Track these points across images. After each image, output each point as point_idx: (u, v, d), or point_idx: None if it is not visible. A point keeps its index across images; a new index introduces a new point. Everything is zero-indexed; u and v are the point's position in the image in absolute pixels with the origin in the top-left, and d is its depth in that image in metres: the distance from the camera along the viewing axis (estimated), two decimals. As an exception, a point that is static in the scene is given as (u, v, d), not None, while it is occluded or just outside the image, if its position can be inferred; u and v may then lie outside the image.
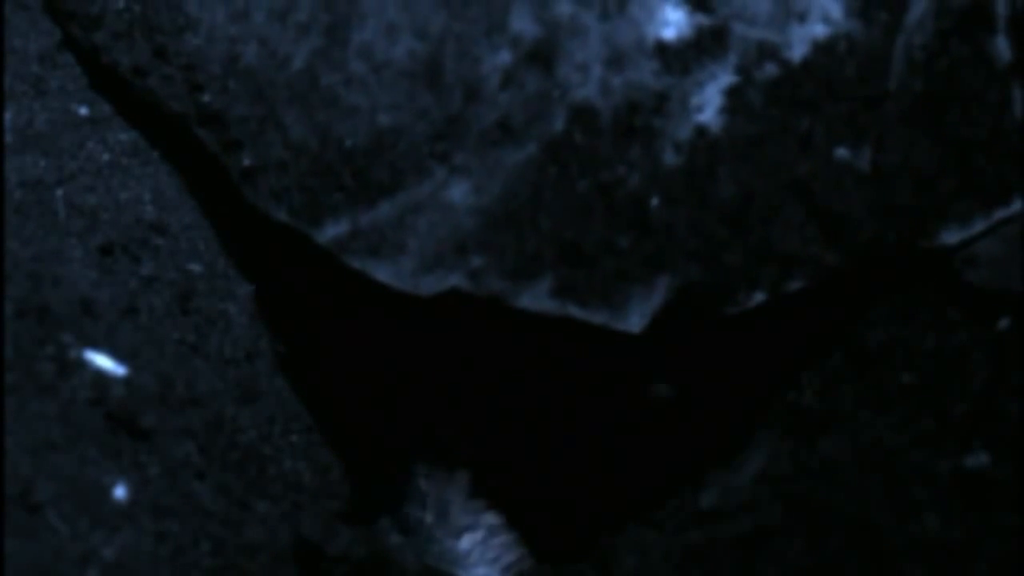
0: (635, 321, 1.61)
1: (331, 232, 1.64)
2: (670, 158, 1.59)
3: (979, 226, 1.62)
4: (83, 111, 1.76)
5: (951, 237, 1.62)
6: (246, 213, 1.70)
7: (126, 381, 1.53)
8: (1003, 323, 1.57)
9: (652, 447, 1.90)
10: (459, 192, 1.61)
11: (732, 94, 1.59)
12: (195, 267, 1.71)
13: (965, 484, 1.43)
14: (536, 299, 1.61)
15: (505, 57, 1.61)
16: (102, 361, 1.53)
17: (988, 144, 1.61)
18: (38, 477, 1.39)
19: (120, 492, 1.44)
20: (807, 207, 1.59)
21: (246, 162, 1.67)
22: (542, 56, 1.61)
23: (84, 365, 1.51)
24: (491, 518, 1.88)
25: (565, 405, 1.93)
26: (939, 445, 1.48)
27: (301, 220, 1.66)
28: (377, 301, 1.74)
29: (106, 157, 1.74)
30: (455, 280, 1.62)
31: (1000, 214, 1.62)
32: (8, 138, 1.69)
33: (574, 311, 1.61)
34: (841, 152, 1.59)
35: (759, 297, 1.61)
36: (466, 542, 1.87)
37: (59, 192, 1.67)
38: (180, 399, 1.57)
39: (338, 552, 1.55)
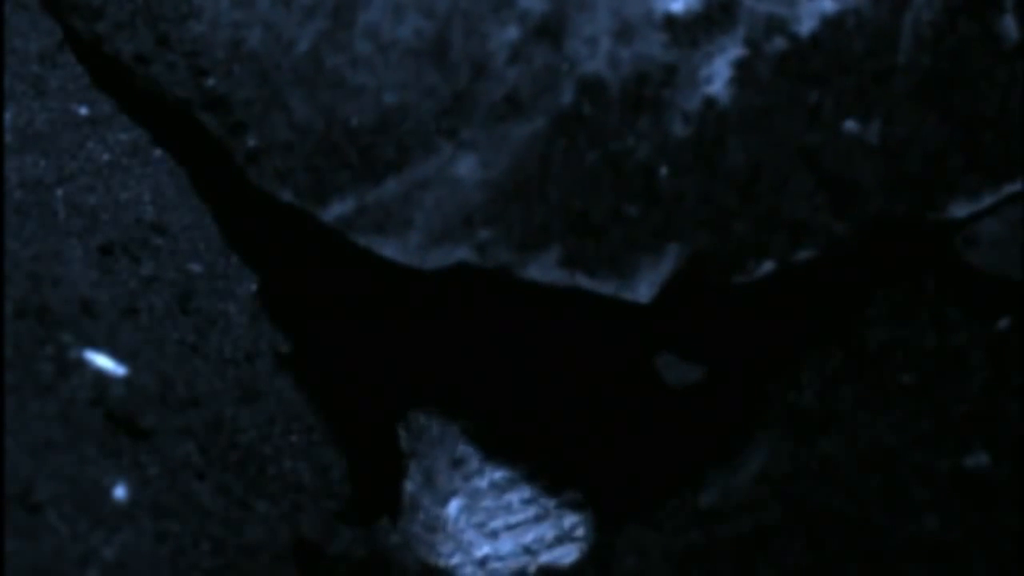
0: (644, 291, 1.61)
1: (336, 210, 1.65)
2: (679, 129, 1.60)
3: (988, 200, 1.62)
4: (83, 111, 1.76)
5: (960, 210, 1.62)
6: (249, 200, 1.71)
7: (126, 381, 1.53)
8: (1003, 323, 1.57)
9: (658, 429, 1.90)
10: (466, 167, 1.62)
11: (741, 66, 1.60)
12: (195, 267, 1.71)
13: (965, 484, 1.43)
14: (544, 270, 1.62)
15: (513, 33, 1.61)
16: (102, 361, 1.53)
17: (996, 121, 1.61)
18: (38, 477, 1.39)
19: (120, 492, 1.44)
20: (816, 176, 1.60)
21: (251, 143, 1.67)
22: (550, 30, 1.61)
23: (84, 365, 1.51)
24: (478, 482, 1.88)
25: (571, 387, 1.93)
26: (939, 445, 1.48)
27: (306, 200, 1.66)
28: (381, 286, 1.74)
29: (106, 157, 1.74)
30: (462, 253, 1.62)
31: (1009, 189, 1.62)
32: (8, 138, 1.69)
33: (582, 281, 1.61)
34: (850, 125, 1.60)
35: (769, 266, 1.62)
36: (453, 507, 1.87)
37: (59, 192, 1.67)
38: (180, 399, 1.57)
39: (338, 552, 1.55)
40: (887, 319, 1.65)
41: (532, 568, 1.84)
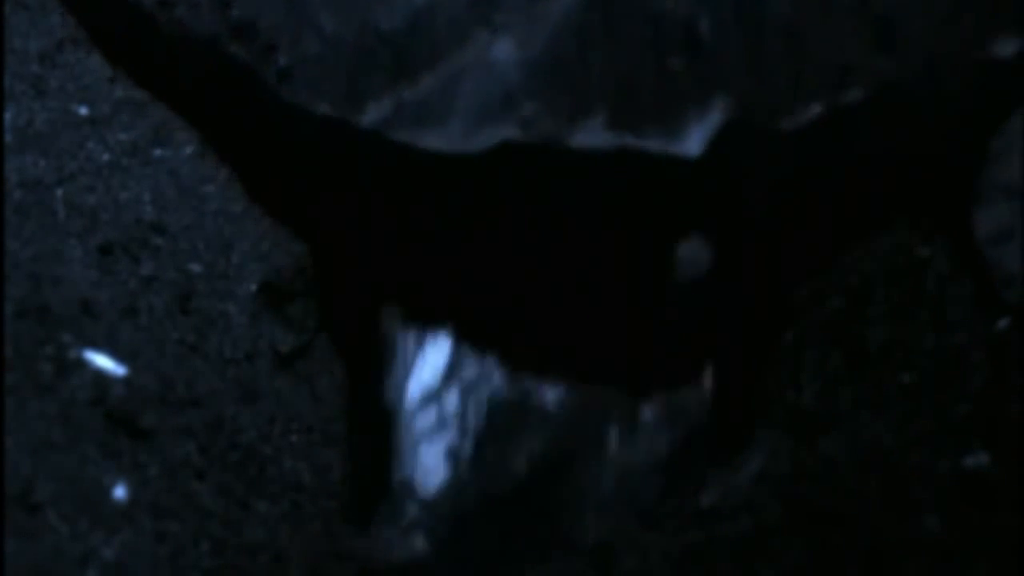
0: (694, 143, 1.60)
1: (374, 114, 1.65)
2: None
3: None
4: (83, 111, 1.76)
5: (1005, 49, 1.62)
6: (281, 121, 1.70)
7: (126, 381, 1.53)
8: (1003, 323, 1.57)
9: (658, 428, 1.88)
10: (503, 49, 1.62)
11: None
12: (195, 267, 1.71)
13: (965, 484, 1.43)
14: (591, 134, 1.61)
15: None
16: (102, 361, 1.53)
17: None
18: (38, 477, 1.39)
19: (120, 492, 1.44)
20: (860, 17, 1.59)
21: (282, 62, 1.68)
22: None
23: (84, 365, 1.51)
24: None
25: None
26: (939, 445, 1.48)
27: (343, 108, 1.66)
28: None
29: (106, 157, 1.74)
30: (506, 132, 1.62)
31: None
32: (8, 138, 1.69)
33: (631, 141, 1.61)
34: None
35: (816, 109, 1.61)
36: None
37: (59, 192, 1.67)
38: (180, 399, 1.57)
39: (338, 552, 1.55)
40: (887, 319, 1.65)
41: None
